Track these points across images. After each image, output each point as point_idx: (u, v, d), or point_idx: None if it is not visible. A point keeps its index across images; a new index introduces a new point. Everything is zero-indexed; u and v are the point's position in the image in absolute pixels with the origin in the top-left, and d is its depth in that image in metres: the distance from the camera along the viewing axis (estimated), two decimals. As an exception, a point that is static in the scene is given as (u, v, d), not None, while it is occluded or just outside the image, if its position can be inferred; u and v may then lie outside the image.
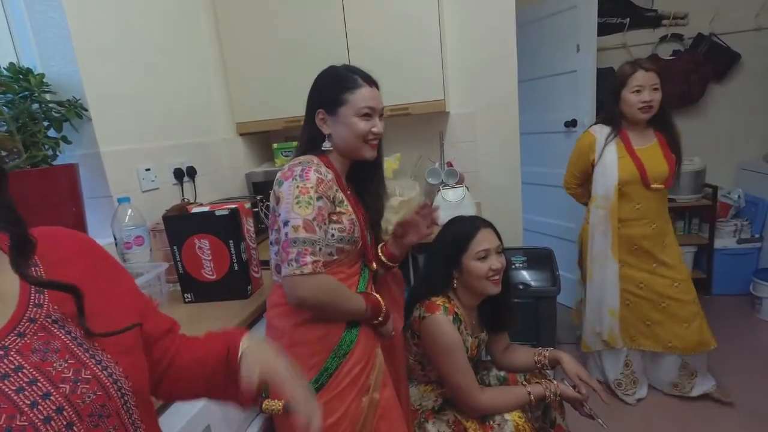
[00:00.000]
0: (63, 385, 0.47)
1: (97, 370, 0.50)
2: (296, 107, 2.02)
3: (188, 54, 1.94)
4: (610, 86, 1.92)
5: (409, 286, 1.62)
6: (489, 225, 1.38)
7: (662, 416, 1.95)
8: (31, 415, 0.44)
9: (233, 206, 1.28)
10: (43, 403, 0.45)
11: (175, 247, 1.28)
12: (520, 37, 2.21)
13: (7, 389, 0.44)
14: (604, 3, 2.71)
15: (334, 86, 1.09)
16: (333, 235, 1.05)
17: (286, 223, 0.98)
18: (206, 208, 1.30)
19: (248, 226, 1.35)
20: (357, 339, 1.09)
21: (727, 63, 3.01)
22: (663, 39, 3.11)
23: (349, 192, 1.16)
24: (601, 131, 1.91)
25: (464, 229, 1.36)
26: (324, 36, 1.96)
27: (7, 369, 0.46)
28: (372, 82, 1.10)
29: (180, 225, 1.28)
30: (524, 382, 1.41)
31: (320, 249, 1.00)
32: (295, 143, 2.15)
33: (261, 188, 2.10)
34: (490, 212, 2.23)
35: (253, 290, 1.35)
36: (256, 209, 1.86)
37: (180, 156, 1.82)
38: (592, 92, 2.60)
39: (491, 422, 1.30)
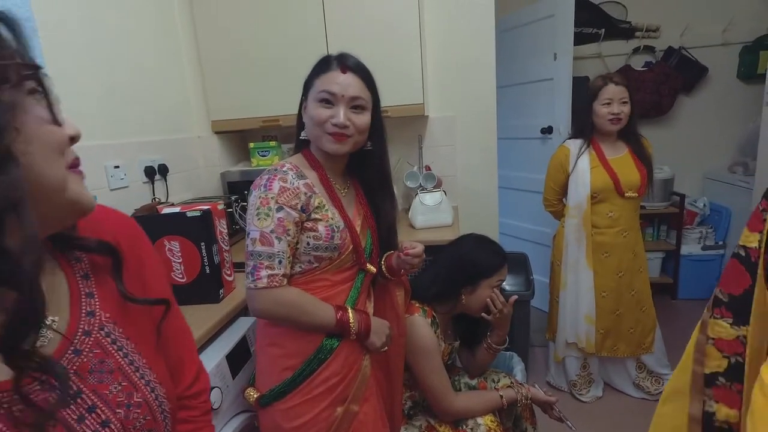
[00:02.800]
0: (119, 410, 0.45)
1: (147, 392, 0.49)
2: (273, 107, 2.02)
3: (162, 49, 1.89)
4: (583, 98, 2.00)
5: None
6: (507, 260, 1.42)
7: (624, 414, 2.02)
8: None
9: (206, 207, 1.25)
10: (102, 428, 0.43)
11: (143, 249, 1.24)
12: (499, 44, 2.24)
13: (69, 418, 0.41)
14: (580, 13, 2.78)
15: (312, 70, 1.05)
16: (308, 244, 1.00)
17: (247, 235, 0.98)
18: (177, 209, 1.26)
19: (221, 227, 1.32)
20: (338, 348, 1.04)
21: (696, 76, 3.12)
22: (636, 50, 3.20)
23: (345, 192, 1.10)
24: (574, 144, 1.97)
25: (496, 258, 1.38)
26: (303, 36, 1.93)
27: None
28: (347, 68, 1.00)
29: (150, 226, 1.21)
30: (496, 387, 1.43)
31: (280, 261, 0.96)
32: (272, 143, 2.12)
33: (236, 188, 2.06)
34: (467, 217, 2.25)
35: (225, 294, 1.32)
36: (231, 210, 1.83)
37: (151, 153, 1.76)
38: (568, 100, 2.65)
39: (464, 426, 1.30)
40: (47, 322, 0.45)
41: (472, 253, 1.39)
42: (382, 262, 1.19)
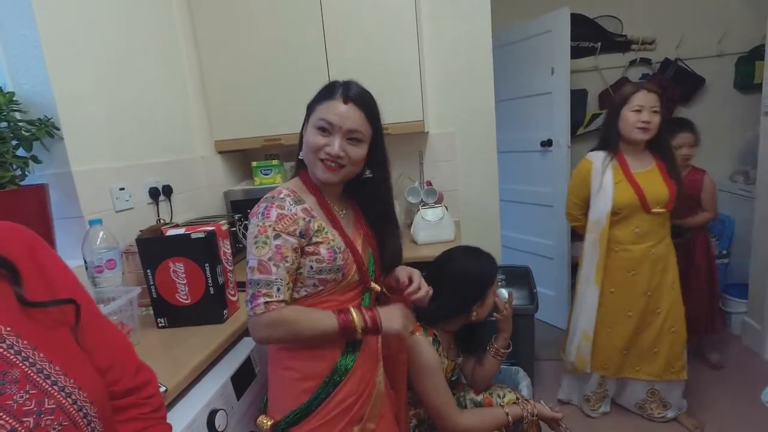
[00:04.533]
0: (26, 419, 0.45)
1: (61, 398, 0.48)
2: (275, 126, 2.05)
3: (166, 71, 1.92)
4: (609, 105, 1.91)
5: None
6: None
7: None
8: None
9: (210, 228, 1.26)
10: None
11: (148, 271, 1.25)
12: (497, 59, 2.27)
13: None
14: (576, 28, 2.82)
15: (317, 95, 1.06)
16: (312, 267, 1.00)
17: (247, 263, 0.99)
18: (182, 231, 1.28)
19: (225, 248, 1.33)
20: (353, 367, 1.03)
21: (693, 86, 3.15)
22: (632, 63, 3.24)
23: (343, 213, 1.10)
24: (597, 157, 1.88)
25: (491, 263, 1.42)
26: (303, 56, 1.97)
27: None
28: (349, 99, 1.00)
29: (154, 248, 1.25)
30: (502, 404, 1.42)
31: (279, 288, 0.95)
32: (275, 161, 2.14)
33: (239, 207, 2.08)
34: (470, 231, 2.26)
35: (229, 314, 1.33)
36: (234, 229, 1.84)
37: (156, 174, 1.79)
38: (567, 113, 2.68)
39: (470, 445, 1.29)
40: None
41: (472, 269, 1.39)
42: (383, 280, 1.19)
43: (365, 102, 1.02)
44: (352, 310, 1.02)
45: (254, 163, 2.16)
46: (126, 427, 0.62)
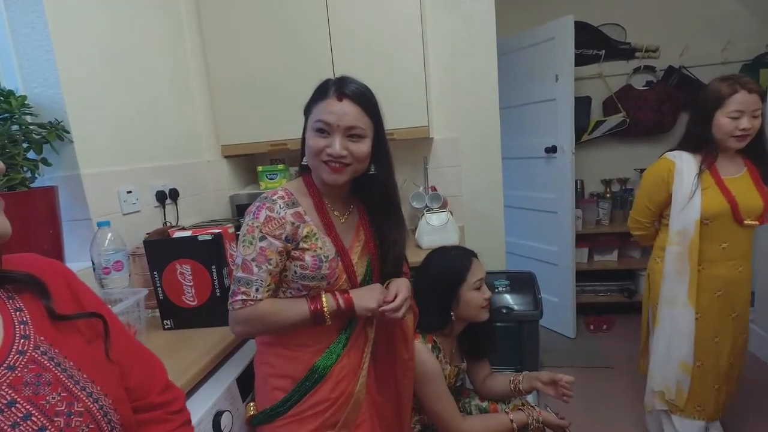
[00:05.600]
0: (57, 419, 0.49)
1: (89, 403, 0.52)
2: (280, 131, 2.06)
3: (173, 76, 1.95)
4: (699, 104, 1.61)
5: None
6: (475, 254, 1.40)
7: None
8: None
9: (217, 231, 1.27)
10: None
11: (155, 273, 1.26)
12: (502, 66, 2.29)
13: (2, 424, 0.45)
14: (580, 35, 2.84)
15: (311, 96, 1.03)
16: (296, 272, 1.00)
17: (235, 259, 1.02)
18: (188, 233, 1.29)
19: (231, 251, 1.33)
20: (328, 374, 1.03)
21: (697, 94, 3.15)
22: (636, 70, 3.25)
23: (344, 218, 1.09)
24: (680, 157, 1.62)
25: (460, 260, 1.36)
26: (310, 61, 1.99)
27: (1, 404, 0.46)
28: (344, 95, 0.97)
29: (161, 250, 1.26)
30: (507, 410, 1.41)
31: (257, 289, 0.97)
32: (280, 166, 2.16)
33: (244, 211, 2.07)
34: (474, 236, 2.26)
35: (234, 316, 1.33)
36: (239, 232, 1.84)
37: (163, 178, 1.80)
38: (571, 119, 2.69)
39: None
40: None
41: (437, 268, 1.37)
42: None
43: (361, 96, 1.00)
44: (323, 294, 1.01)
45: (260, 168, 2.17)
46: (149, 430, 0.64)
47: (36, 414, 0.48)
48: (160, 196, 1.77)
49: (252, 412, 1.07)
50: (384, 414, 1.19)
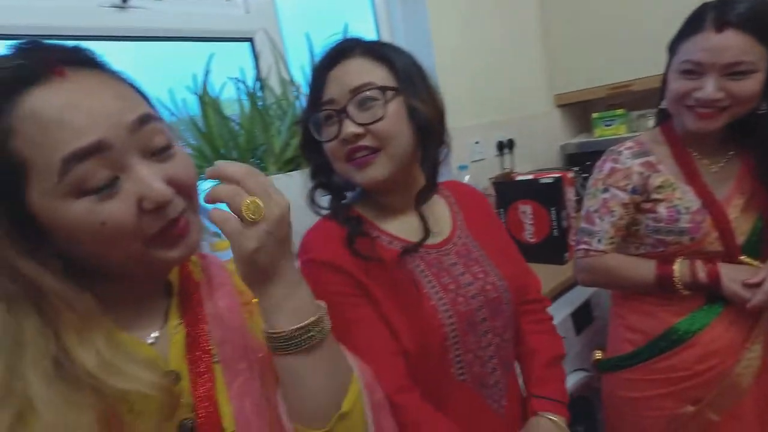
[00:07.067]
0: (478, 281, 0.72)
1: (495, 280, 0.74)
2: (623, 71, 1.90)
3: (512, 31, 2.07)
4: None
5: None
6: None
7: None
8: (465, 290, 0.71)
9: (557, 175, 1.34)
10: (469, 287, 0.72)
11: (501, 210, 1.46)
12: None
13: (454, 272, 0.72)
14: None
15: (679, 30, 0.89)
16: (648, 226, 0.93)
17: (581, 210, 1.05)
18: (530, 176, 1.41)
19: (570, 195, 1.38)
20: (691, 338, 0.90)
21: None
22: None
23: (717, 167, 0.93)
24: None
25: None
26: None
27: (449, 262, 0.73)
28: (727, 24, 0.79)
29: (507, 190, 1.45)
30: None
31: (599, 240, 0.97)
32: (619, 111, 2.00)
33: (575, 160, 2.07)
34: None
35: (568, 258, 1.39)
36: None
37: (502, 129, 2.00)
38: None
39: None
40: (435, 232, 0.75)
41: None
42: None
43: (754, 22, 0.79)
44: (679, 260, 0.91)
45: (595, 115, 2.08)
46: (525, 319, 0.83)
47: (467, 274, 0.72)
48: (500, 146, 1.98)
49: (598, 357, 1.10)
50: None
